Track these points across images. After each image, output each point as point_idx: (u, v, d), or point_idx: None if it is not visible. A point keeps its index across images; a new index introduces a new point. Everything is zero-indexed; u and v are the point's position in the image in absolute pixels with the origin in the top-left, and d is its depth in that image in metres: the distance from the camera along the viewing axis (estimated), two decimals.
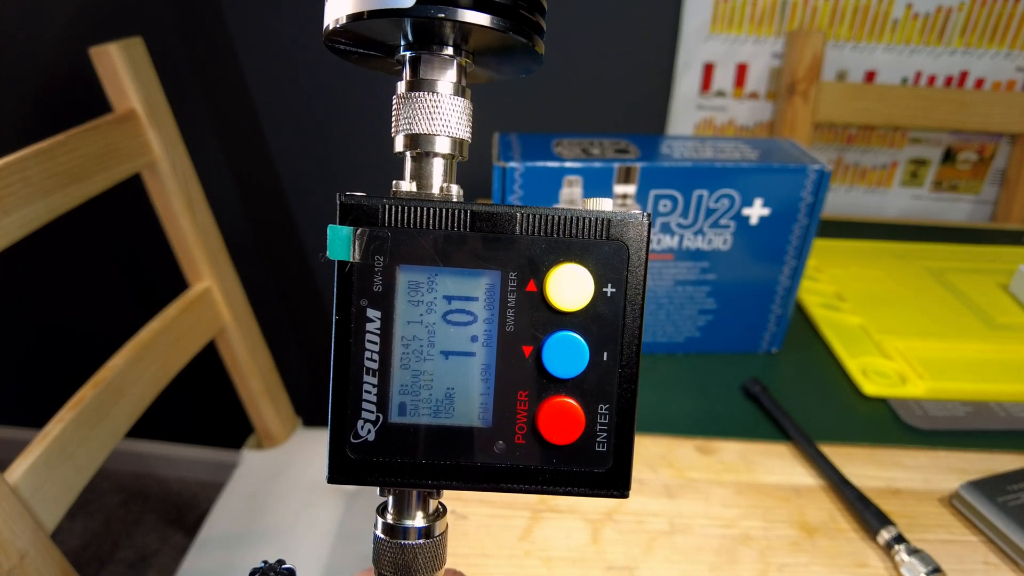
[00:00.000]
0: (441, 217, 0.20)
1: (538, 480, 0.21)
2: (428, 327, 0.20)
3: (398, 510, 0.23)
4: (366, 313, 0.20)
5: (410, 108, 0.21)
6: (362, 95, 0.95)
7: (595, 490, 0.21)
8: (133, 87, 0.66)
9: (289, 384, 0.93)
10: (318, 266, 1.12)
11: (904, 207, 0.98)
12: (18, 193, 0.53)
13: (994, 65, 0.87)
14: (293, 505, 0.79)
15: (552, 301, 0.20)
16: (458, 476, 0.21)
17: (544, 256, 0.20)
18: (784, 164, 0.50)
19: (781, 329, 0.58)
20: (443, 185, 0.22)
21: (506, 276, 0.20)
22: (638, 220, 0.20)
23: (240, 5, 0.90)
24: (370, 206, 0.20)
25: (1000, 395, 0.53)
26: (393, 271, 0.20)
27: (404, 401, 0.21)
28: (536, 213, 0.20)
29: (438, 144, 0.22)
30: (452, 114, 0.22)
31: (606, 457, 0.21)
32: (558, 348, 0.20)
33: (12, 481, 0.50)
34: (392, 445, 0.21)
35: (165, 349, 0.68)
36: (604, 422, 0.21)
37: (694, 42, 0.87)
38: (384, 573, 0.23)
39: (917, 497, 0.44)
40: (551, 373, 0.20)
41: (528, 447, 0.21)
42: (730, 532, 0.42)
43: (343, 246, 0.20)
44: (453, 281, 0.20)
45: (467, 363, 0.21)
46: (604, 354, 0.21)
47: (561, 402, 0.20)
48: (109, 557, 1.25)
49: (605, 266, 0.20)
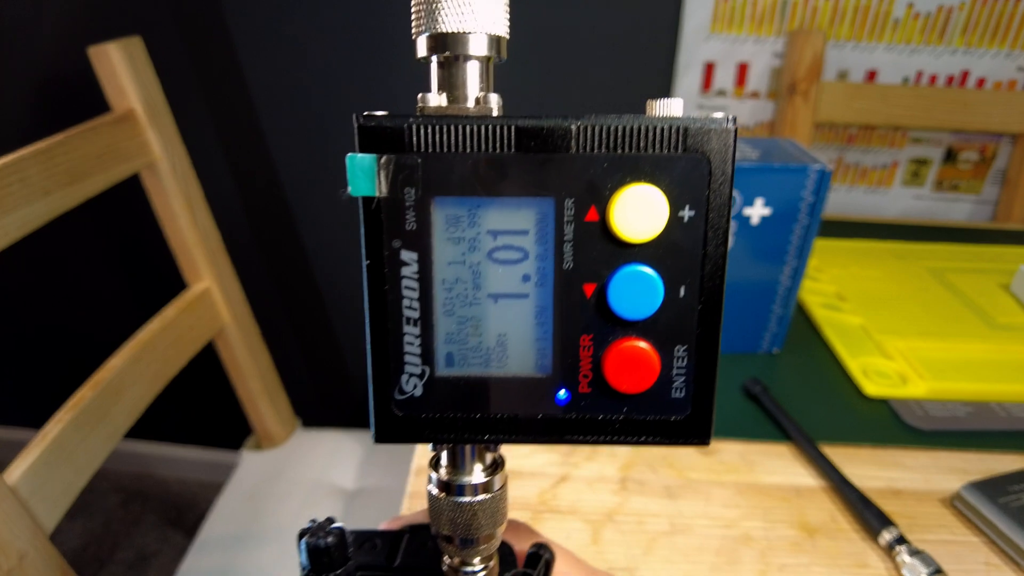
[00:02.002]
0: (480, 136, 0.17)
1: (606, 430, 0.19)
2: (472, 267, 0.18)
3: (453, 465, 0.21)
4: (400, 255, 0.17)
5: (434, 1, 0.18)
6: (363, 94, 0.95)
7: (672, 439, 0.19)
8: (132, 87, 0.66)
9: (288, 384, 0.93)
10: (317, 266, 1.12)
11: (905, 207, 0.98)
12: (17, 193, 0.53)
13: (995, 65, 0.86)
14: (292, 505, 0.79)
15: (618, 231, 0.17)
16: (516, 429, 0.19)
17: (607, 177, 0.17)
18: (785, 164, 0.50)
19: (782, 329, 0.58)
20: (479, 95, 0.18)
21: (561, 204, 0.17)
22: (722, 126, 0.17)
23: (240, 4, 0.90)
24: (394, 128, 0.17)
25: (1001, 395, 0.53)
26: (427, 205, 0.17)
27: (451, 351, 0.18)
28: (595, 124, 0.17)
29: (472, 44, 0.18)
30: (488, 5, 0.18)
31: (684, 404, 0.18)
32: (626, 286, 0.17)
33: (11, 482, 0.50)
34: (442, 399, 0.19)
35: (164, 349, 0.68)
36: (682, 365, 0.18)
37: (695, 41, 0.87)
38: (442, 531, 0.21)
39: (918, 498, 0.44)
40: (619, 315, 0.18)
41: (594, 396, 0.18)
42: (731, 533, 0.42)
43: (367, 179, 0.17)
44: (498, 213, 0.17)
45: (520, 306, 0.18)
46: (681, 289, 0.18)
47: (631, 346, 0.18)
48: (108, 558, 1.25)
49: (682, 185, 0.17)
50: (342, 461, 0.87)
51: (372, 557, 0.24)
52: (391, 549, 0.25)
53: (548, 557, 0.25)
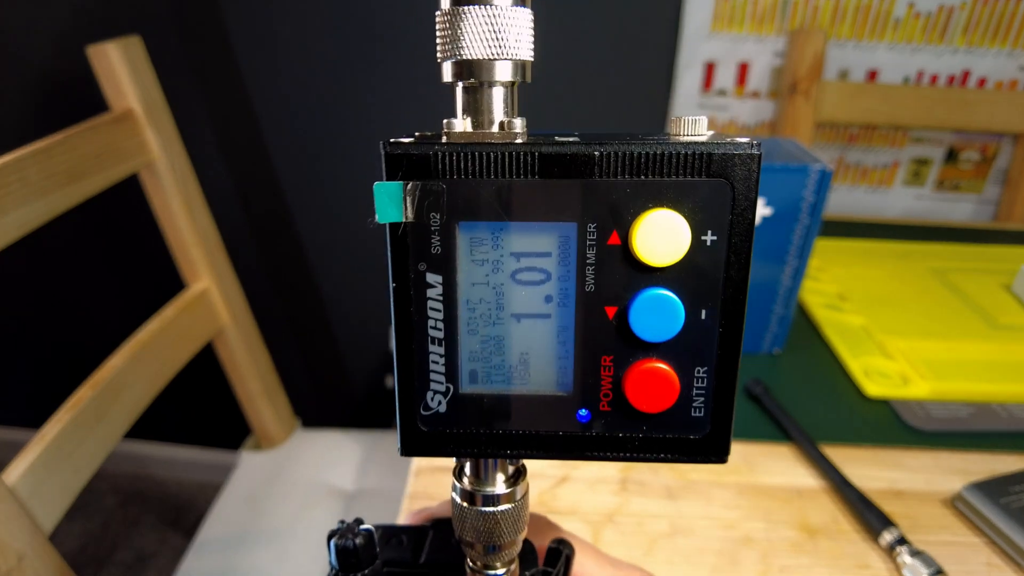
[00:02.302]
0: (504, 163, 0.17)
1: (626, 448, 0.19)
2: (496, 288, 0.18)
3: (476, 475, 0.21)
4: (425, 278, 0.18)
5: (459, 28, 0.17)
6: (362, 94, 0.94)
7: (691, 456, 0.19)
8: (131, 86, 0.66)
9: (288, 385, 0.93)
10: (317, 266, 1.12)
11: (906, 207, 0.98)
12: (16, 193, 0.53)
13: (996, 64, 0.86)
14: (292, 506, 0.79)
15: (640, 255, 0.17)
16: (537, 445, 0.19)
17: (629, 202, 0.17)
18: (786, 164, 0.50)
19: (783, 330, 0.57)
20: (503, 120, 0.19)
21: (584, 228, 0.17)
22: (746, 152, 0.16)
23: (239, 4, 0.90)
24: (420, 155, 0.17)
25: (1003, 396, 0.53)
26: (452, 229, 0.17)
27: (475, 369, 0.19)
28: (620, 151, 0.17)
29: (497, 71, 0.18)
30: (512, 31, 0.18)
31: (703, 423, 0.19)
32: (648, 309, 0.17)
33: (10, 482, 0.50)
34: (465, 415, 0.19)
35: (163, 350, 0.68)
36: (701, 386, 0.18)
37: (695, 41, 0.87)
38: (465, 538, 0.22)
39: (919, 498, 0.44)
40: (640, 337, 0.18)
41: (614, 414, 0.19)
42: (732, 534, 0.41)
43: (394, 205, 0.17)
44: (522, 236, 0.17)
45: (542, 326, 0.18)
46: (703, 312, 0.18)
47: (652, 368, 0.18)
48: (107, 559, 1.25)
49: (705, 210, 0.17)
50: (341, 461, 0.87)
51: (399, 553, 0.25)
52: (416, 545, 0.25)
53: (568, 552, 0.25)
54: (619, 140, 0.17)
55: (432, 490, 0.43)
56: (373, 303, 1.14)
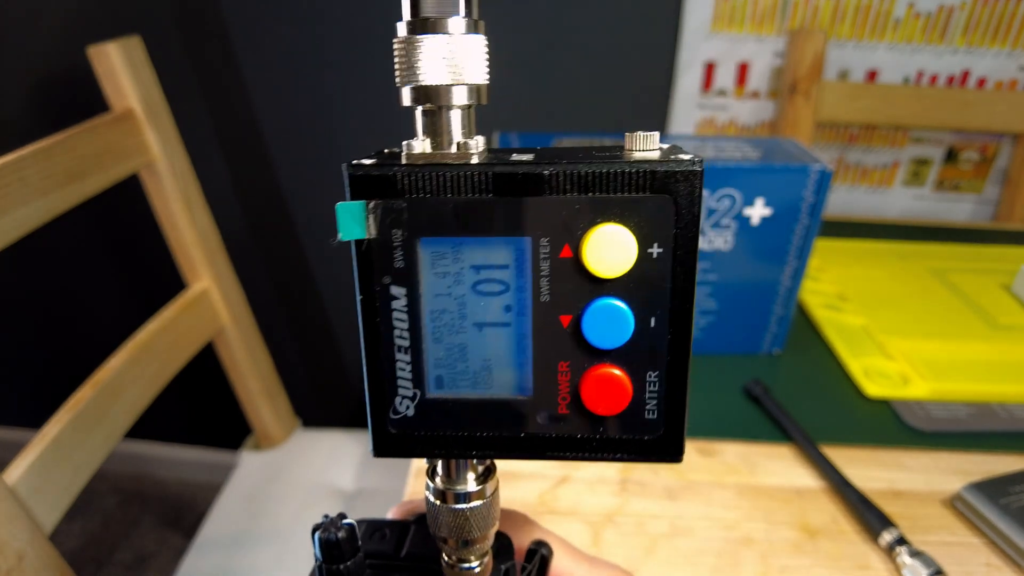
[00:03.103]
0: (460, 182, 0.18)
1: (585, 448, 0.20)
2: (457, 299, 0.19)
3: (447, 475, 0.22)
4: (390, 291, 0.19)
5: (415, 56, 0.18)
6: (361, 94, 0.94)
7: (646, 456, 0.20)
8: (131, 86, 0.66)
9: (288, 385, 0.93)
10: (317, 266, 1.12)
11: (906, 207, 0.98)
12: (15, 193, 0.53)
13: (996, 64, 0.86)
14: (292, 506, 0.79)
15: (590, 267, 0.18)
16: (501, 446, 0.20)
17: (579, 217, 0.18)
18: (786, 164, 0.50)
19: (783, 330, 0.57)
20: (460, 141, 0.19)
21: (537, 243, 0.18)
22: (688, 168, 0.17)
23: (239, 4, 0.90)
24: (381, 176, 0.18)
25: (1002, 396, 0.53)
26: (414, 244, 0.18)
27: (440, 375, 0.20)
28: (568, 171, 0.17)
29: (454, 96, 0.19)
30: (467, 59, 0.18)
31: (657, 424, 0.20)
32: (599, 318, 0.18)
33: (10, 482, 0.50)
34: (432, 418, 0.20)
35: (163, 350, 0.68)
36: (654, 389, 0.19)
37: (695, 41, 0.87)
38: (440, 534, 0.23)
39: (919, 499, 0.44)
40: (593, 344, 0.19)
41: (572, 417, 0.20)
42: (731, 534, 0.41)
43: (357, 223, 0.18)
44: (479, 250, 0.18)
45: (502, 334, 0.19)
46: (652, 320, 0.19)
47: (605, 373, 0.19)
48: (107, 559, 1.25)
49: (650, 224, 0.18)
50: (342, 461, 0.87)
51: (381, 546, 0.26)
52: (398, 539, 0.26)
53: (545, 553, 0.26)
54: (571, 158, 0.18)
55: None
56: None
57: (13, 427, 1.41)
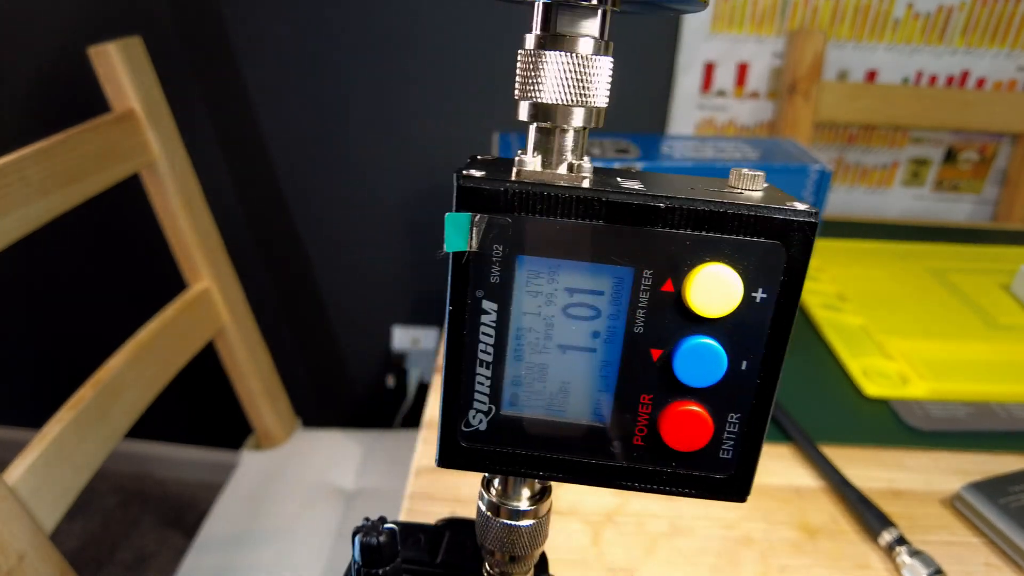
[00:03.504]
0: (572, 206, 0.17)
1: (654, 481, 0.20)
2: (546, 319, 0.19)
3: (504, 490, 0.22)
4: (482, 305, 0.19)
5: (540, 72, 0.18)
6: (362, 94, 0.95)
7: (713, 494, 0.20)
8: (132, 87, 0.66)
9: (288, 384, 0.93)
10: (317, 266, 1.12)
11: (905, 207, 0.98)
12: (16, 193, 0.53)
13: (995, 65, 0.86)
14: (292, 506, 0.79)
15: (692, 305, 0.18)
16: (569, 471, 0.20)
17: (687, 254, 0.17)
18: (785, 164, 0.50)
19: None
20: (572, 162, 0.19)
21: (640, 274, 0.18)
22: (805, 219, 0.17)
23: (239, 5, 0.90)
24: (491, 191, 0.17)
25: (1001, 396, 0.53)
26: (512, 261, 0.18)
27: (516, 392, 0.20)
28: (684, 206, 0.17)
29: (573, 117, 0.19)
30: (592, 81, 0.18)
31: (730, 464, 0.19)
32: (693, 356, 0.18)
33: (11, 482, 0.50)
34: (503, 435, 0.20)
35: (164, 349, 0.68)
36: (732, 431, 0.19)
37: (695, 41, 0.87)
38: (488, 546, 0.23)
39: (918, 498, 0.44)
40: (682, 381, 0.18)
41: (647, 449, 0.19)
42: (731, 534, 0.41)
43: (461, 235, 0.18)
44: (577, 274, 0.18)
45: (586, 359, 0.19)
46: (743, 364, 0.18)
47: (689, 411, 0.19)
48: (108, 558, 1.25)
49: (758, 268, 0.17)
50: (342, 461, 0.87)
51: (416, 552, 0.26)
52: (433, 545, 0.27)
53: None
54: (681, 191, 0.17)
55: (432, 490, 0.44)
56: (374, 303, 1.14)
57: (13, 427, 1.41)
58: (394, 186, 1.02)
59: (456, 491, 0.43)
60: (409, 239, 1.06)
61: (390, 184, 1.02)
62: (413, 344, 1.15)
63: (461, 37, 0.90)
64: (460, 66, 0.92)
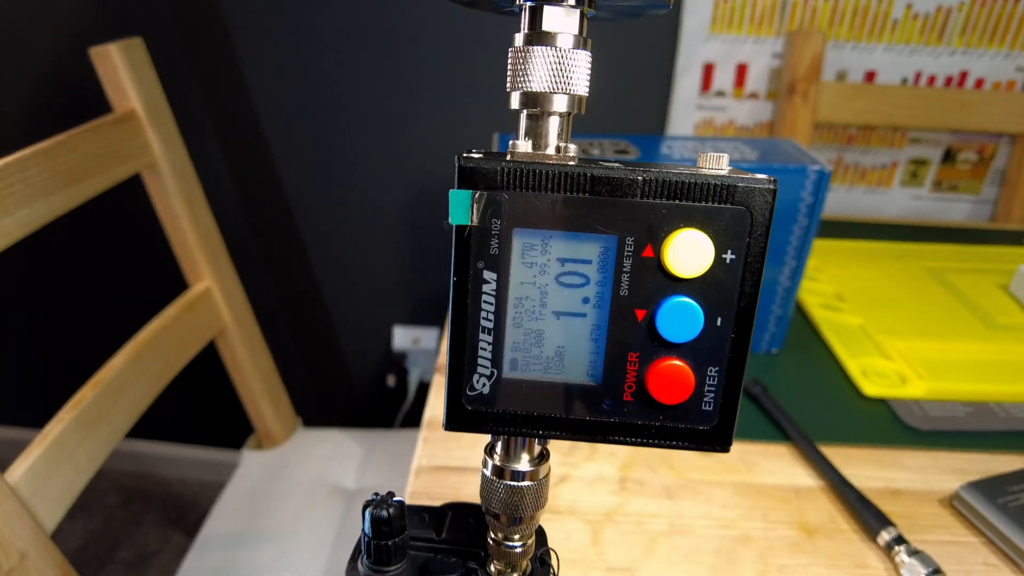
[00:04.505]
0: (561, 181, 0.20)
1: (644, 434, 0.22)
2: (540, 288, 0.21)
3: (506, 453, 0.24)
4: (483, 275, 0.20)
5: (528, 65, 0.21)
6: (362, 95, 0.95)
7: (699, 445, 0.22)
8: (133, 87, 0.66)
9: (289, 384, 0.93)
10: (318, 265, 1.12)
11: (904, 207, 0.98)
12: (18, 193, 0.53)
13: (994, 65, 0.86)
14: (293, 505, 0.79)
15: (669, 267, 0.20)
16: (566, 428, 0.22)
17: (663, 221, 0.20)
18: (784, 164, 0.50)
19: (781, 330, 0.58)
20: (559, 144, 0.22)
21: (623, 241, 0.20)
22: (764, 186, 0.19)
23: (240, 5, 0.90)
24: (488, 169, 0.20)
25: (1000, 396, 0.53)
26: (509, 234, 0.20)
27: (516, 357, 0.21)
28: (658, 178, 0.19)
29: (556, 103, 0.21)
30: (573, 71, 0.21)
31: (712, 416, 0.21)
32: (673, 314, 0.20)
33: (12, 481, 0.50)
34: (505, 397, 0.22)
35: (165, 349, 0.68)
36: (712, 384, 0.21)
37: (694, 42, 0.87)
38: (492, 509, 0.25)
39: (917, 498, 0.44)
40: (664, 338, 0.20)
41: (636, 404, 0.21)
42: (730, 533, 0.42)
43: (463, 210, 0.20)
44: (568, 244, 0.20)
45: (578, 323, 0.21)
46: (718, 320, 0.20)
47: (672, 365, 0.21)
48: (109, 557, 1.25)
49: (726, 232, 0.20)
50: (343, 461, 0.88)
51: (422, 529, 0.28)
52: (437, 524, 0.29)
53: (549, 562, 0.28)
54: (656, 168, 0.20)
55: (432, 489, 0.44)
56: (374, 303, 1.14)
57: (15, 426, 1.41)
58: (395, 186, 1.02)
59: (456, 491, 0.44)
60: (410, 239, 1.07)
61: (391, 184, 1.02)
62: (413, 344, 1.15)
63: (461, 41, 0.90)
64: (460, 69, 0.92)
